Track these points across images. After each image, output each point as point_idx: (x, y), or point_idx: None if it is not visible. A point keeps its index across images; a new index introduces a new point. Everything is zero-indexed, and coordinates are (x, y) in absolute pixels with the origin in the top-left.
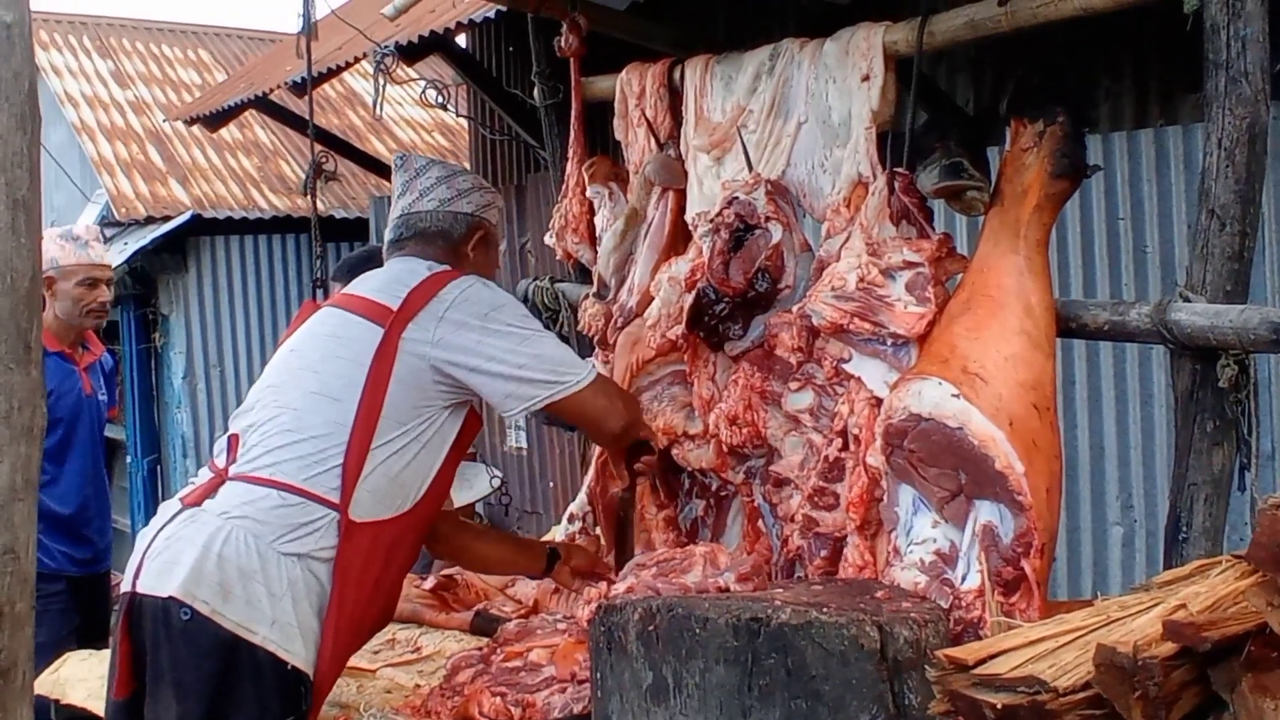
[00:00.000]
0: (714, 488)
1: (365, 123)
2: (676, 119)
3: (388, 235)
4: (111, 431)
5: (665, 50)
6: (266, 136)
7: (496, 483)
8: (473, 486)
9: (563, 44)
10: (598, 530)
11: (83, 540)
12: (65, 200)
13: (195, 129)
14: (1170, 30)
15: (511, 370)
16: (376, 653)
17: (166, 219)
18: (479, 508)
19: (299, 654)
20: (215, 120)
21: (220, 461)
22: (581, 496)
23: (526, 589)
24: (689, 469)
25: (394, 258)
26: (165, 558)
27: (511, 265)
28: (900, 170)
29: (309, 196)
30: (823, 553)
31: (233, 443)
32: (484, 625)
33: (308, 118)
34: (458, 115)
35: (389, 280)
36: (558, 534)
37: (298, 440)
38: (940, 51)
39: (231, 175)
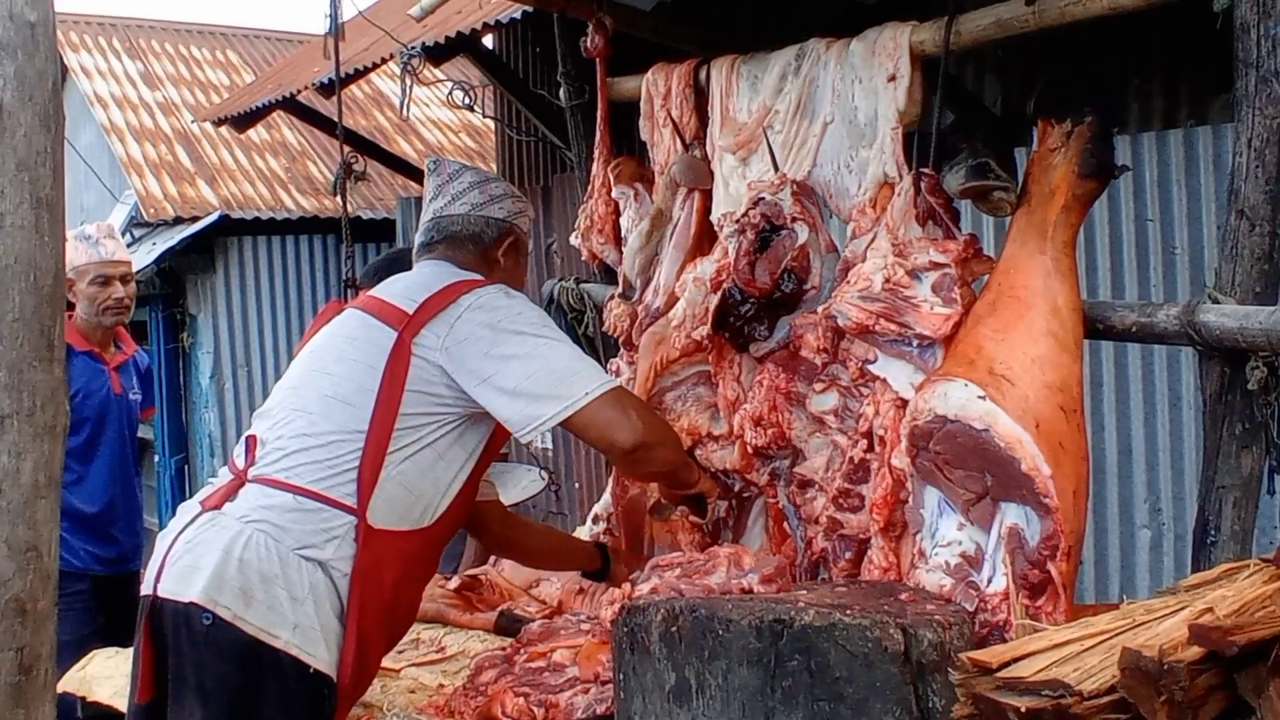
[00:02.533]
0: (736, 489)
1: (392, 123)
2: (702, 119)
3: (418, 238)
4: (142, 431)
5: (692, 51)
6: (294, 137)
7: (544, 479)
8: (521, 486)
9: (588, 44)
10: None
11: (109, 539)
12: (95, 200)
13: (223, 130)
14: (1200, 29)
15: (516, 385)
16: (400, 652)
17: (195, 219)
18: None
19: (322, 657)
20: (243, 121)
21: (240, 463)
22: (606, 497)
23: (551, 589)
24: (712, 470)
25: (423, 260)
26: (186, 562)
27: (538, 265)
28: (926, 170)
29: (339, 197)
30: (847, 555)
31: (251, 444)
32: (508, 625)
33: (336, 119)
34: (484, 116)
35: (411, 284)
36: (583, 534)
37: (313, 445)
38: (968, 51)
39: (259, 176)
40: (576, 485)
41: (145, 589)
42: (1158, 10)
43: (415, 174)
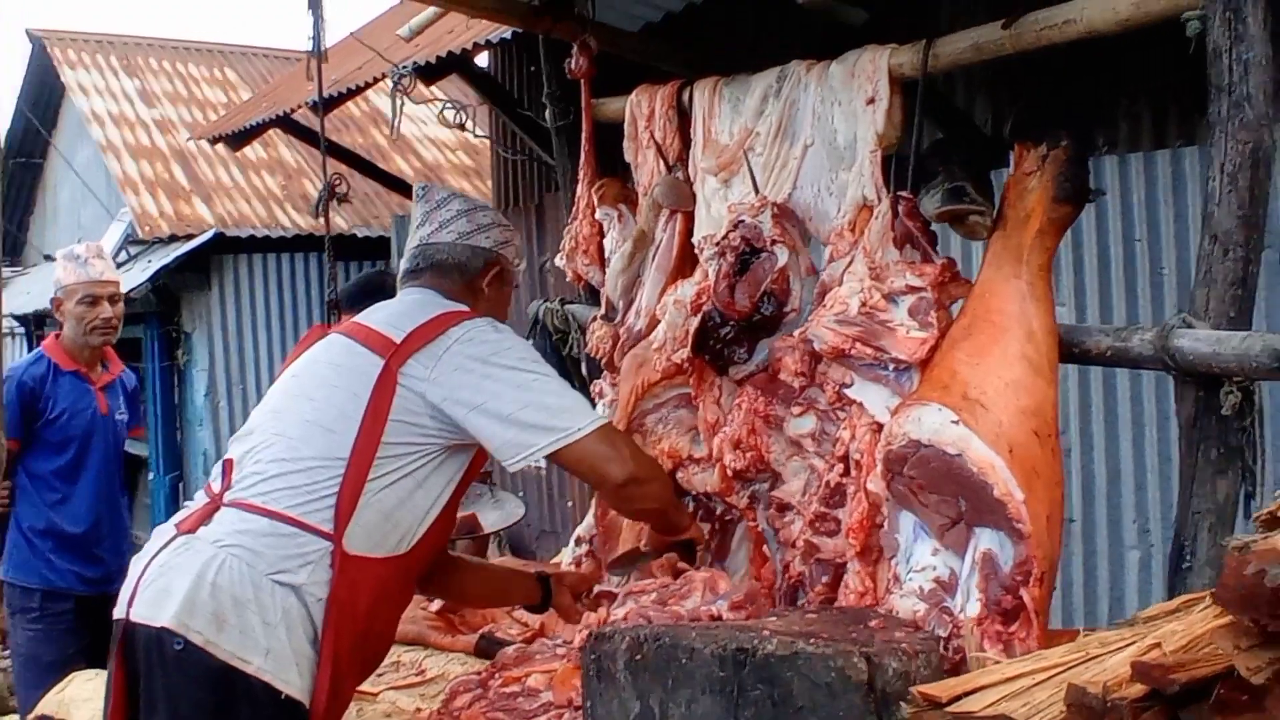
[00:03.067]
0: (718, 512)
1: (389, 141)
2: (685, 141)
3: (403, 265)
4: (135, 448)
5: (678, 72)
6: (291, 155)
7: (521, 512)
8: (503, 510)
9: (573, 65)
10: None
11: (94, 560)
12: (91, 217)
13: (219, 148)
14: (1188, 51)
15: (510, 413)
16: (380, 675)
17: (190, 237)
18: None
19: (294, 683)
20: (238, 139)
21: (216, 486)
22: (589, 519)
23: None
24: (694, 493)
25: (407, 288)
26: (158, 586)
27: (532, 284)
28: (904, 194)
29: (320, 218)
30: (824, 579)
31: (228, 467)
32: (488, 648)
33: (327, 137)
34: (475, 135)
35: (398, 312)
36: (566, 555)
37: (292, 470)
38: (955, 71)
39: (255, 194)
40: (570, 504)
41: (118, 613)
42: (1137, 34)
43: (409, 192)
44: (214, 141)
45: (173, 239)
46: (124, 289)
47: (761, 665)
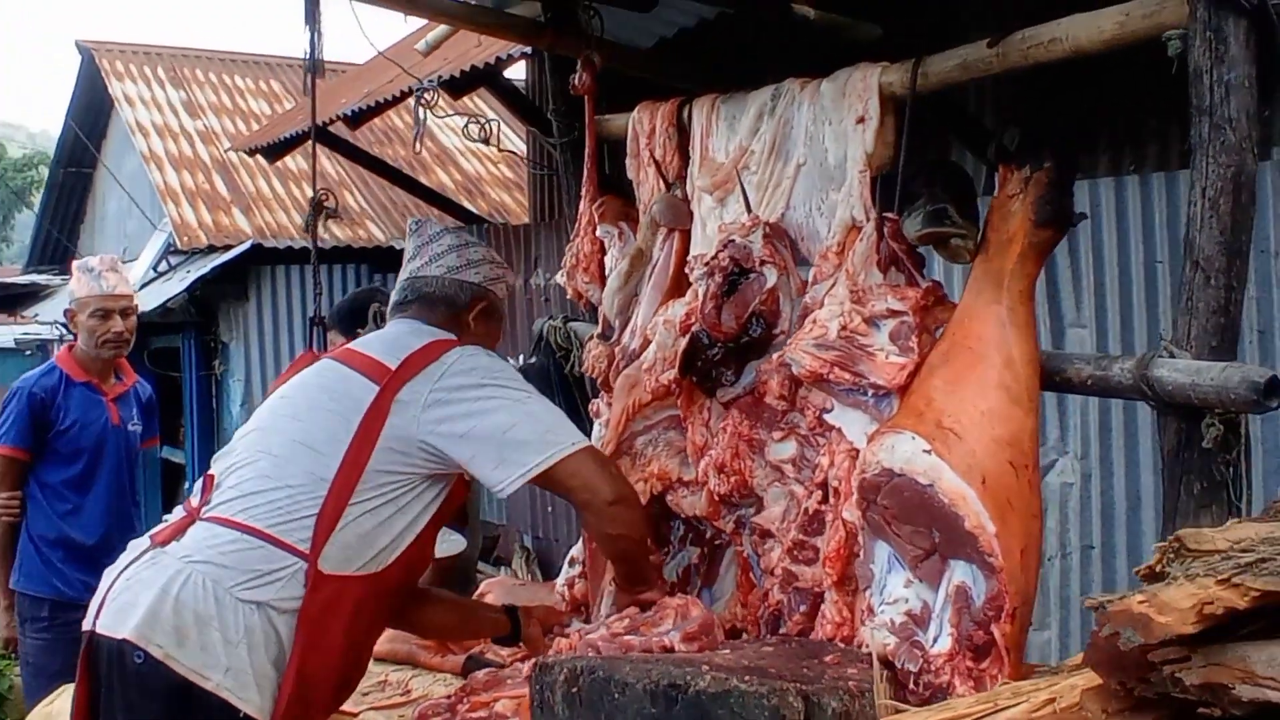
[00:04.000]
0: (708, 536)
1: (431, 153)
2: (685, 158)
3: (394, 297)
4: (174, 456)
5: (685, 87)
6: (331, 167)
7: (462, 545)
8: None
9: (576, 82)
10: None
11: (104, 570)
12: (136, 228)
13: (259, 158)
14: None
15: (501, 434)
16: (365, 694)
17: (228, 248)
18: (529, 543)
19: (253, 702)
20: (274, 151)
21: (194, 501)
22: (581, 541)
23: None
24: (683, 516)
25: (396, 319)
26: (124, 599)
27: (563, 302)
28: (890, 215)
29: (310, 234)
30: (802, 608)
31: (208, 483)
32: (475, 670)
33: (365, 149)
34: (499, 150)
35: (392, 341)
36: (561, 576)
37: (273, 487)
38: (971, 82)
39: (294, 205)
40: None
41: (86, 624)
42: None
43: (449, 205)
44: (251, 153)
45: (211, 250)
46: (162, 299)
47: (693, 702)
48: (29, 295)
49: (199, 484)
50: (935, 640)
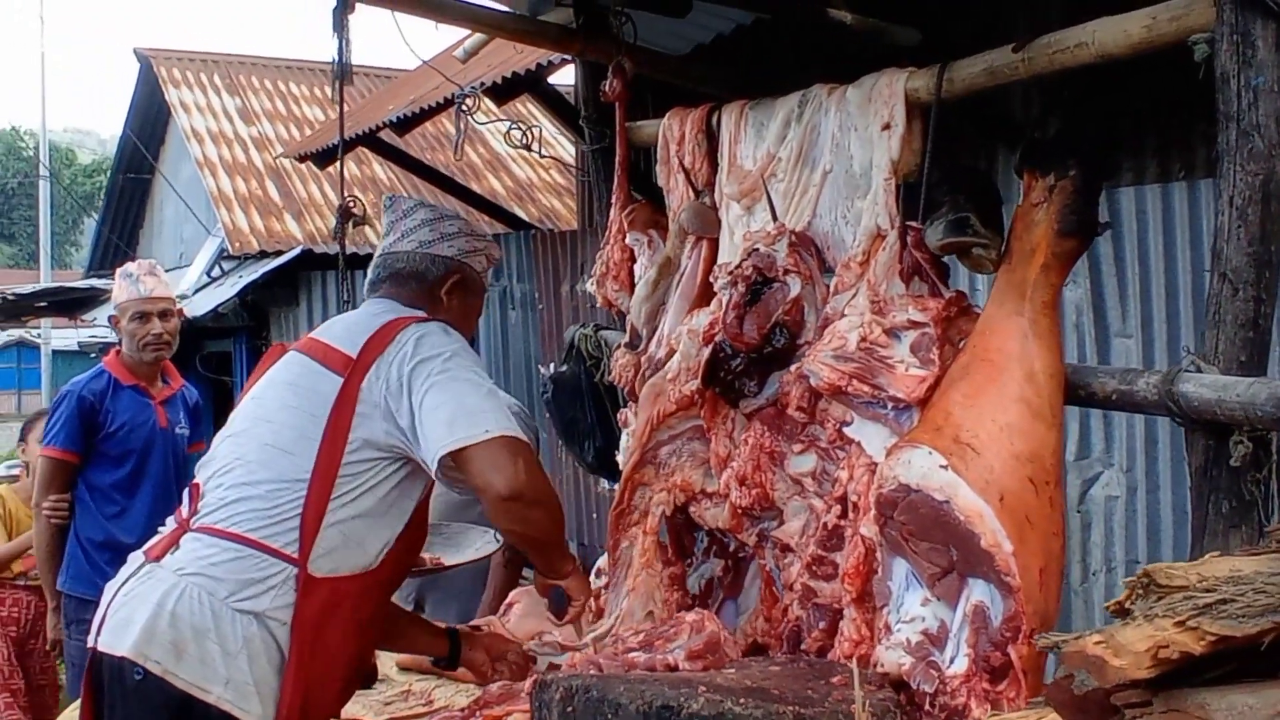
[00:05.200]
0: (732, 548)
1: (483, 159)
2: (714, 166)
3: (368, 275)
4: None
5: (717, 93)
6: (384, 172)
7: (499, 541)
8: (474, 547)
9: (606, 88)
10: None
11: None
12: (192, 233)
13: (312, 164)
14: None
15: (430, 410)
16: (389, 704)
17: (279, 253)
18: (573, 549)
19: (255, 712)
20: (325, 157)
21: (184, 512)
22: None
23: (551, 642)
24: (706, 527)
25: (369, 299)
26: (121, 615)
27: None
28: (912, 224)
29: (339, 240)
30: (821, 624)
31: (194, 492)
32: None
33: (415, 156)
34: (541, 156)
35: (352, 325)
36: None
37: (253, 494)
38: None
39: None
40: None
41: (89, 640)
42: (1169, 54)
43: (497, 211)
44: (302, 159)
45: (263, 255)
46: (215, 304)
47: None
48: (90, 299)
49: (186, 494)
50: (952, 661)
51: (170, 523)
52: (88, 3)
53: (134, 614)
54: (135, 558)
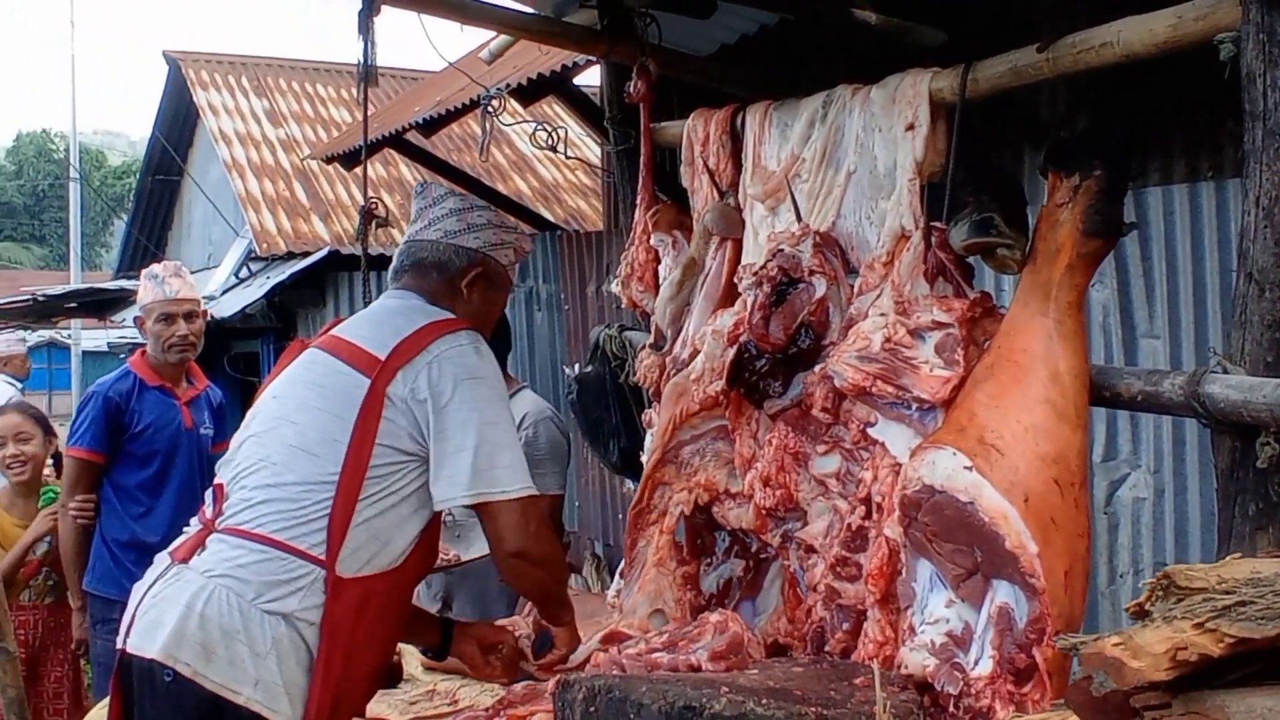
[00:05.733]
0: (753, 548)
1: (509, 160)
2: (739, 166)
3: (393, 262)
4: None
5: (742, 94)
6: (410, 174)
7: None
8: (469, 546)
9: (631, 89)
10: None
11: None
12: (221, 235)
13: (338, 166)
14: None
15: (457, 449)
16: (413, 703)
17: (306, 254)
18: (599, 550)
19: (284, 713)
20: (351, 159)
21: (209, 512)
22: None
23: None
24: (729, 528)
25: (392, 290)
26: (150, 617)
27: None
28: (936, 224)
29: (361, 242)
30: (845, 625)
31: (218, 493)
32: (522, 679)
33: (441, 157)
34: (566, 157)
35: (381, 326)
36: (610, 591)
37: (279, 496)
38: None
39: None
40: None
41: (118, 642)
42: (1197, 52)
43: (524, 213)
44: (329, 161)
45: (290, 256)
46: (242, 305)
47: None
48: (119, 300)
49: (209, 494)
50: (976, 662)
51: (194, 523)
52: (117, 6)
53: (163, 616)
54: (161, 559)
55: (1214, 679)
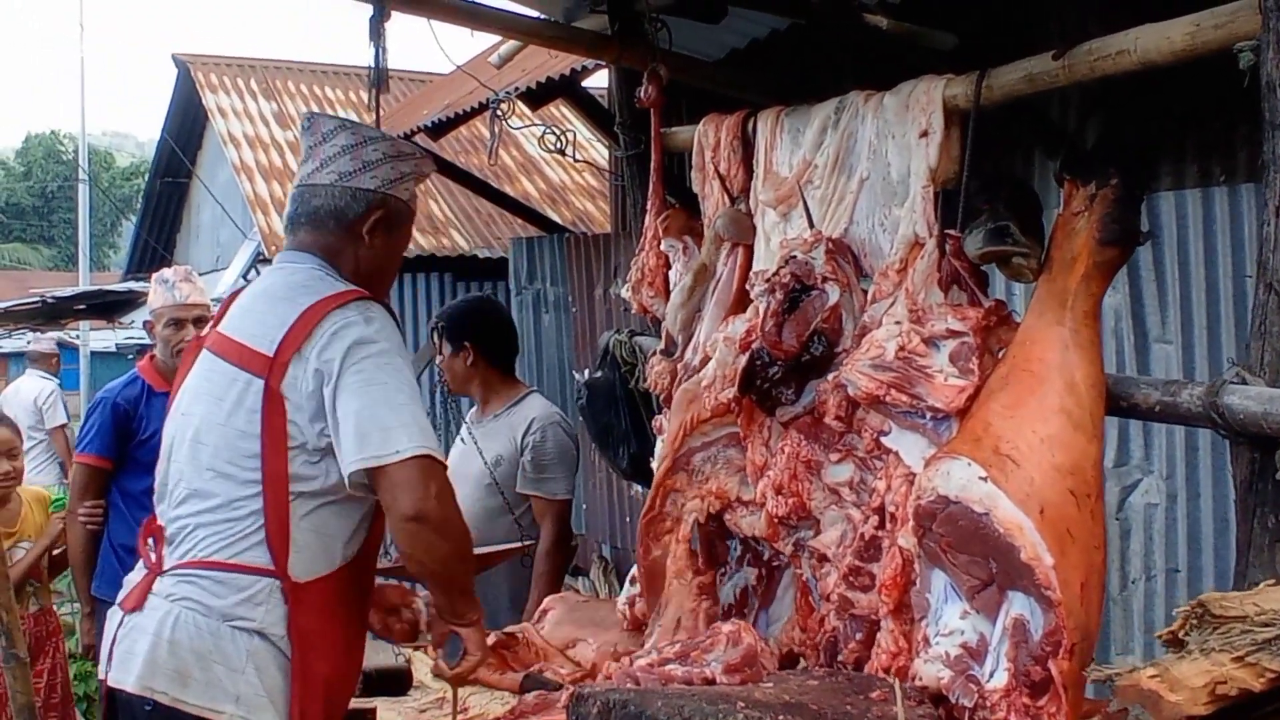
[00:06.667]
0: (766, 557)
1: (516, 162)
2: (750, 172)
3: (287, 209)
4: None
5: (753, 99)
6: None
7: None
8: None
9: (642, 94)
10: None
11: None
12: (229, 237)
13: None
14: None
15: (348, 417)
16: (423, 711)
17: None
18: (607, 553)
19: None
20: None
21: (152, 557)
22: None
23: (587, 651)
24: (741, 536)
25: (284, 254)
26: (124, 646)
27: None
28: (951, 232)
29: None
30: (858, 636)
31: (158, 536)
32: (532, 688)
33: (449, 160)
34: (575, 160)
35: (265, 316)
36: (621, 595)
37: (210, 520)
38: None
39: None
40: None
41: (100, 670)
42: (1208, 57)
43: (531, 215)
44: None
45: None
46: None
47: None
48: (128, 302)
49: (150, 539)
50: (991, 675)
51: (140, 568)
52: (126, 8)
53: (135, 645)
54: (114, 613)
55: (1251, 711)
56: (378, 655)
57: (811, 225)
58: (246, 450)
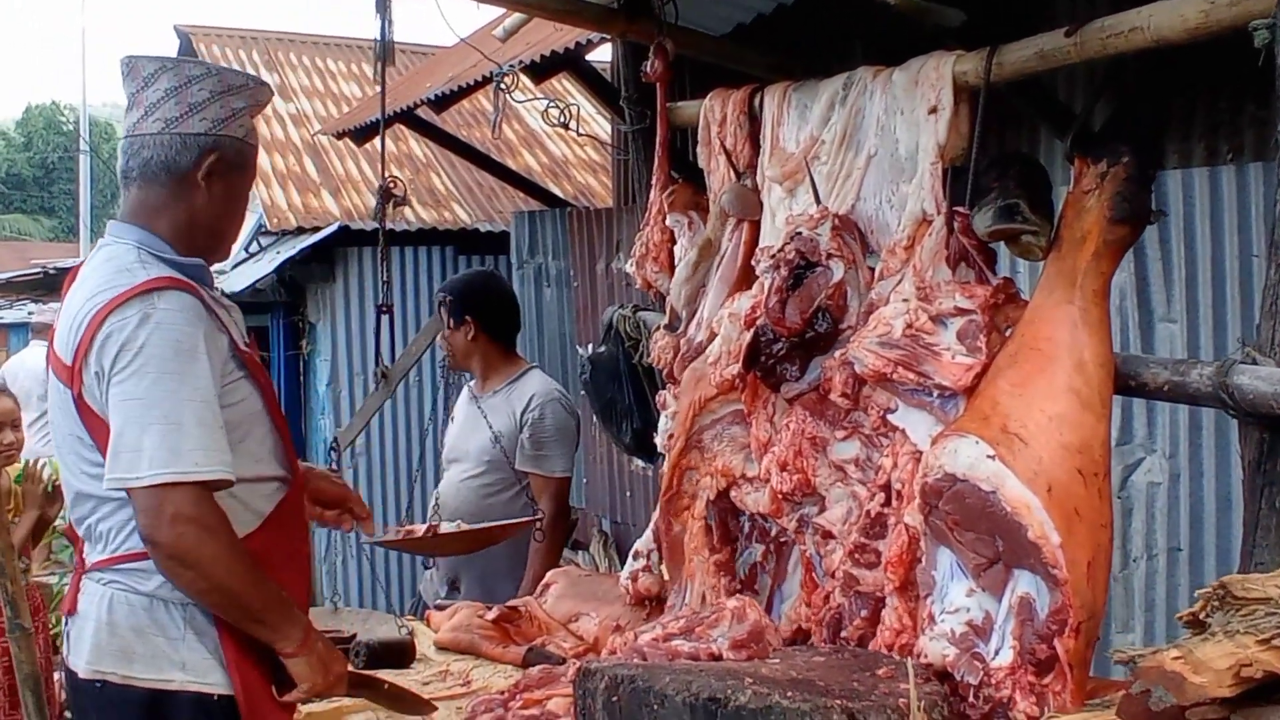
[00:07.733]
0: (773, 533)
1: (518, 136)
2: (756, 148)
3: (119, 163)
4: None
5: (759, 74)
6: (420, 149)
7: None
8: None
9: (648, 69)
10: (663, 568)
11: None
12: None
13: (348, 141)
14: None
15: (114, 431)
16: (427, 684)
17: (316, 229)
18: (606, 527)
19: (220, 683)
20: (362, 134)
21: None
22: (647, 534)
23: (589, 625)
24: (748, 512)
25: (112, 224)
26: (73, 632)
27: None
28: (960, 209)
29: (379, 220)
30: (863, 613)
31: (76, 540)
32: (535, 662)
33: (452, 133)
34: (579, 134)
35: (74, 315)
36: (624, 571)
37: (100, 518)
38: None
39: None
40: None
41: (64, 654)
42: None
43: (533, 189)
44: (340, 136)
45: (300, 231)
46: (252, 280)
47: (733, 716)
48: None
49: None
50: (997, 653)
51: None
52: None
53: (83, 630)
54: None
55: (1276, 693)
56: (381, 628)
57: (818, 201)
58: (91, 457)
